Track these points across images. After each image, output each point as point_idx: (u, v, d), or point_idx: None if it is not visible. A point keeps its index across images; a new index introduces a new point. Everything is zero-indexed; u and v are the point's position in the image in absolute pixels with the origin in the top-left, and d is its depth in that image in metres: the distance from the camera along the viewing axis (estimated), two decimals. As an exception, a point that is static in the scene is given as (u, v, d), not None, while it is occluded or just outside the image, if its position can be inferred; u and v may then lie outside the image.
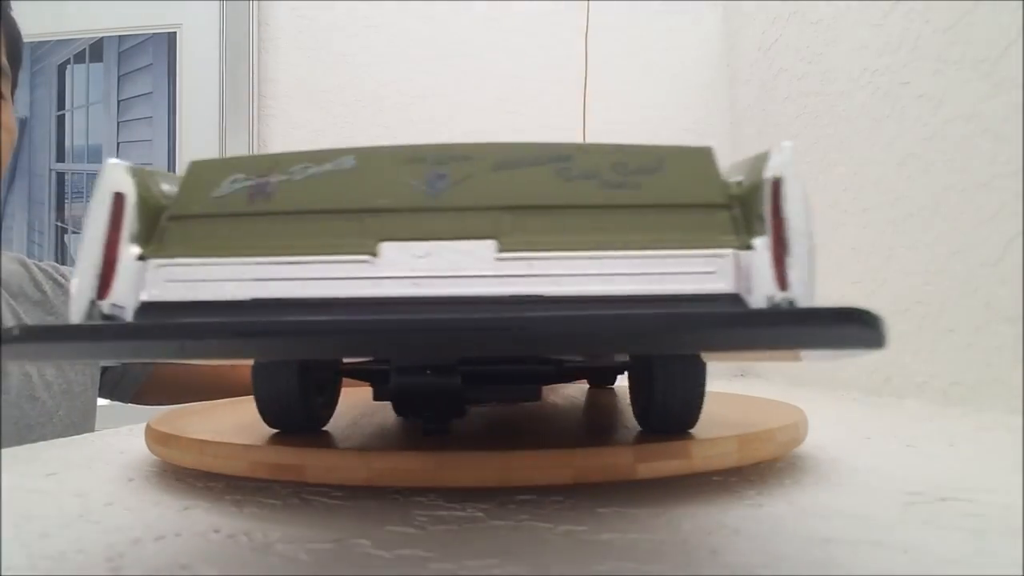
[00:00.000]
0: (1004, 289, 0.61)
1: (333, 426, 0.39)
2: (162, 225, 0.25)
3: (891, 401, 0.75)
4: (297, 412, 0.35)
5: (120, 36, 1.36)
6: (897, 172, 0.77)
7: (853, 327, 0.17)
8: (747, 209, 0.24)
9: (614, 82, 1.31)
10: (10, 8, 0.66)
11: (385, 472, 0.29)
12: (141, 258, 0.24)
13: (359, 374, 0.37)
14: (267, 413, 0.35)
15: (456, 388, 0.31)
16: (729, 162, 0.26)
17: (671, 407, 0.31)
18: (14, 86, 0.63)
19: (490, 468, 0.29)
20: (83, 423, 0.74)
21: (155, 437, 0.37)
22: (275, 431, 0.36)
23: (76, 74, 1.37)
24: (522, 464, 0.29)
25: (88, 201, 0.24)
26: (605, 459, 0.29)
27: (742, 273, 0.23)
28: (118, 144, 1.36)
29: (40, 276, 0.76)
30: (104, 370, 0.80)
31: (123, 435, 0.54)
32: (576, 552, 0.25)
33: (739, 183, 0.25)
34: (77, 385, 0.73)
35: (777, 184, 0.23)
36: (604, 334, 0.18)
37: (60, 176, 1.36)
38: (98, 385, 0.79)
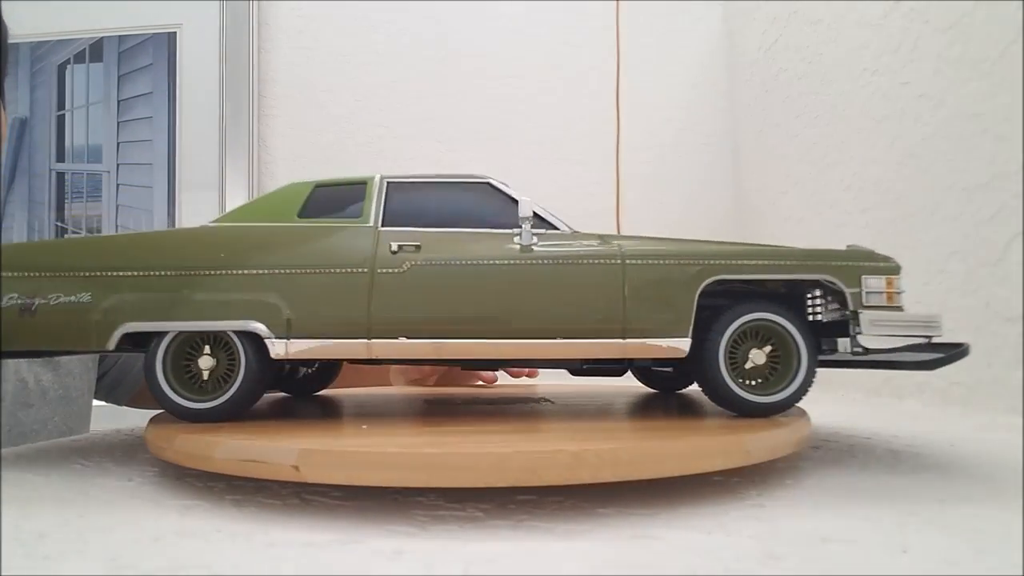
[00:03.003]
0: (1004, 289, 0.61)
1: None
2: None
3: (891, 401, 0.75)
4: None
5: (120, 36, 1.36)
6: (897, 172, 0.77)
7: None
8: None
9: (613, 83, 1.31)
10: None
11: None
12: None
13: None
14: None
15: None
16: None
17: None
18: (1, 78, 0.62)
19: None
20: (79, 428, 0.73)
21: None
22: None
23: (76, 74, 1.37)
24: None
25: (87, 201, 0.25)
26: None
27: None
28: (118, 144, 1.36)
29: None
30: (102, 374, 0.79)
31: (123, 435, 0.54)
32: (576, 551, 0.25)
33: None
34: (74, 391, 0.73)
35: None
36: None
37: (60, 176, 1.35)
38: (94, 389, 0.78)
